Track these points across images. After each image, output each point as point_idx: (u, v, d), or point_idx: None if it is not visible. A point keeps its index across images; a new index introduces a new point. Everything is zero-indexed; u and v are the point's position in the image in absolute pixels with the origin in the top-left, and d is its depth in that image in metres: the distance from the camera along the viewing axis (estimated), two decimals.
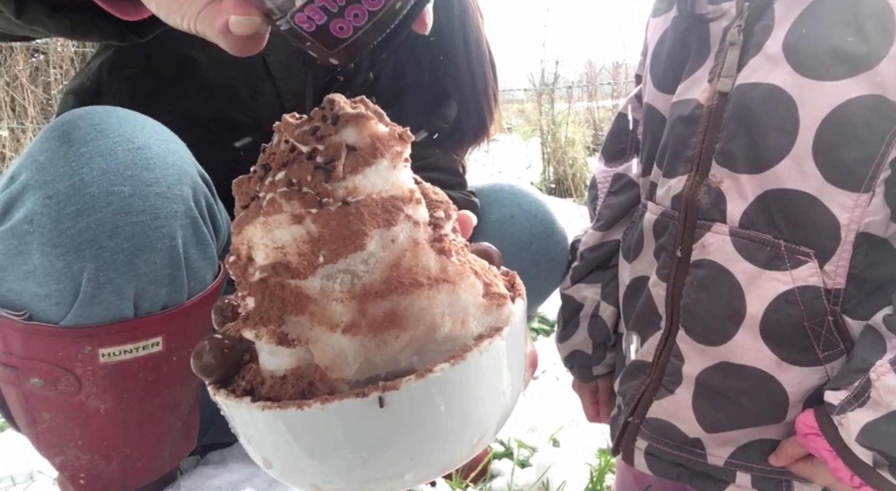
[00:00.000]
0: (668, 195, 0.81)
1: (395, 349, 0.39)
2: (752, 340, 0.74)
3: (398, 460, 0.40)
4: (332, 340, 0.39)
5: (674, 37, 0.83)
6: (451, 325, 0.40)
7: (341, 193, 0.39)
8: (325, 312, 0.39)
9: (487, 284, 0.44)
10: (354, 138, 0.40)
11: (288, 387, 0.40)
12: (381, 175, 0.41)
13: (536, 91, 5.85)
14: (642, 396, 0.84)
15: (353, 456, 0.40)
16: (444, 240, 0.42)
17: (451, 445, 0.42)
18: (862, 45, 0.67)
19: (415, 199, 0.42)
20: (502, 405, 0.44)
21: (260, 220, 0.40)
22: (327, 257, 0.38)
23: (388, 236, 0.39)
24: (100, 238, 0.71)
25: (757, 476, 0.78)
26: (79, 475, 0.84)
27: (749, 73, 0.73)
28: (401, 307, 0.39)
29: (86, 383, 0.78)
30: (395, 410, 0.38)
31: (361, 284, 0.39)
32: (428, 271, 0.40)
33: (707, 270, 0.76)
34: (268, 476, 1.09)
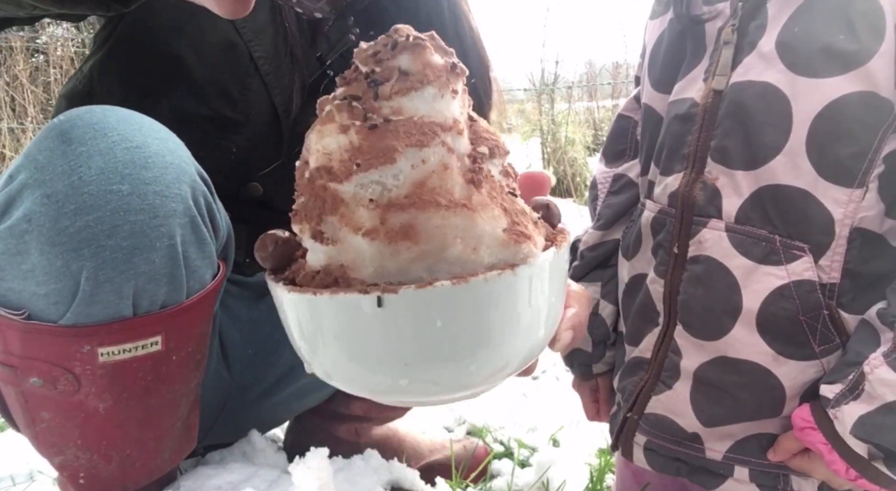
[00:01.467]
0: (665, 193, 0.82)
1: (406, 259, 0.43)
2: (748, 334, 0.75)
3: (392, 363, 0.44)
4: (355, 241, 0.43)
5: (670, 38, 0.84)
6: (462, 248, 0.43)
7: (386, 111, 0.43)
8: (353, 215, 0.43)
9: (514, 223, 0.46)
10: (408, 64, 0.44)
11: (318, 279, 0.45)
12: (427, 101, 0.44)
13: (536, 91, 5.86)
14: (641, 392, 0.85)
15: (353, 347, 0.44)
16: (478, 172, 0.45)
17: (448, 364, 0.44)
18: (853, 42, 0.68)
19: (456, 129, 0.44)
20: (510, 345, 0.45)
21: (317, 127, 0.44)
22: (361, 166, 0.42)
23: (419, 156, 0.43)
24: (98, 237, 0.71)
25: (755, 470, 0.78)
26: (78, 475, 0.84)
27: (743, 71, 0.74)
28: (417, 221, 0.42)
29: (85, 383, 0.78)
30: (392, 312, 0.42)
31: (389, 195, 0.42)
32: (450, 195, 0.43)
33: (703, 265, 0.77)
34: (268, 476, 1.09)
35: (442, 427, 1.43)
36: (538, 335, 0.48)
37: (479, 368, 0.45)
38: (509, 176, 0.49)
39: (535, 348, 0.48)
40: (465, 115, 0.47)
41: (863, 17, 0.68)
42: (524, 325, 0.46)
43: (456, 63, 0.45)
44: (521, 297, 0.45)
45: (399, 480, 1.14)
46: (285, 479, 1.03)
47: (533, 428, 1.37)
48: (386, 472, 1.13)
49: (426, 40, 0.45)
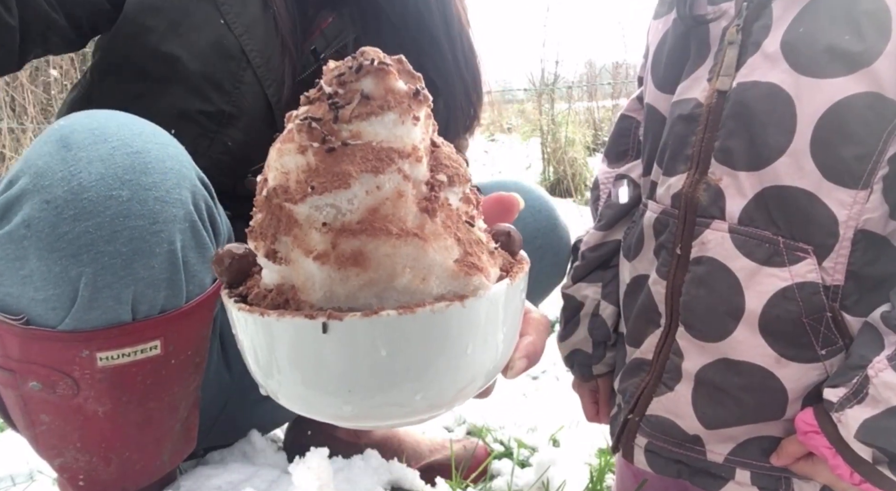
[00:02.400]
0: (667, 194, 0.81)
1: (355, 286, 0.43)
2: (751, 336, 0.74)
3: (336, 388, 0.44)
4: (306, 264, 0.43)
5: (674, 38, 0.84)
6: (411, 277, 0.43)
7: (344, 135, 0.43)
8: (306, 237, 0.43)
9: (467, 253, 0.45)
10: (371, 88, 0.44)
11: (269, 299, 0.45)
12: (387, 126, 0.43)
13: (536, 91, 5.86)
14: (642, 394, 0.84)
15: (298, 370, 0.44)
16: (433, 200, 0.44)
17: (393, 392, 0.44)
18: (858, 43, 0.67)
19: (415, 156, 0.44)
20: (459, 375, 0.45)
21: (277, 145, 0.45)
22: (316, 188, 0.42)
23: (373, 182, 0.42)
24: (98, 242, 0.71)
25: (756, 473, 0.78)
26: (78, 477, 0.84)
27: (748, 71, 0.73)
28: (367, 248, 0.42)
29: (84, 387, 0.77)
30: (337, 339, 0.41)
31: (342, 220, 0.42)
32: (403, 223, 0.43)
33: (706, 266, 0.76)
34: (268, 476, 1.09)
35: (442, 427, 1.43)
36: (489, 364, 0.47)
37: (424, 397, 0.45)
38: (470, 203, 0.49)
39: (487, 375, 0.48)
40: (426, 142, 0.46)
41: (868, 17, 0.67)
42: (474, 354, 0.45)
43: (420, 89, 0.45)
44: (470, 328, 0.44)
45: (399, 480, 1.13)
46: (285, 479, 1.02)
47: (533, 428, 1.37)
48: (386, 472, 1.13)
49: (391, 65, 0.44)
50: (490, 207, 0.54)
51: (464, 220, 0.47)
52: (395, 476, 1.13)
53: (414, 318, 0.42)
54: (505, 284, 0.46)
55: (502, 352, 0.49)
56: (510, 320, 0.49)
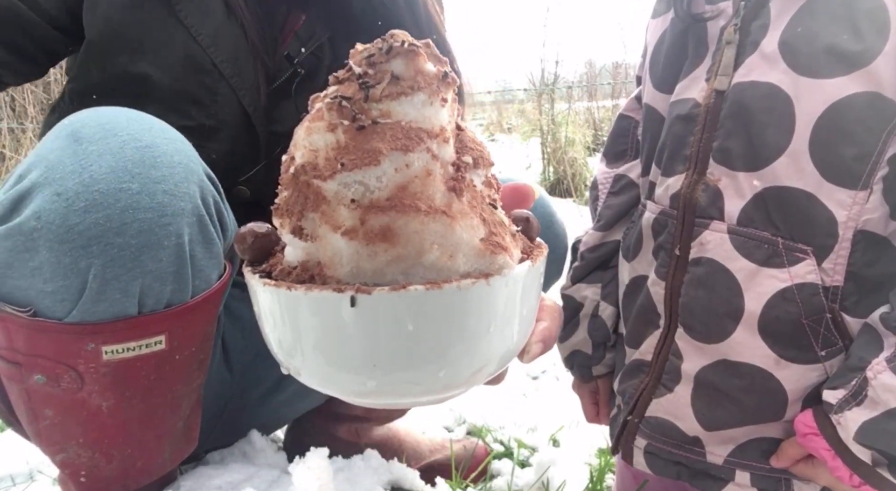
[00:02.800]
0: (666, 194, 0.81)
1: (382, 262, 0.43)
2: (750, 337, 0.74)
3: (361, 363, 0.44)
4: (333, 239, 0.44)
5: (672, 37, 0.83)
6: (439, 254, 0.44)
7: (374, 114, 0.44)
8: (334, 213, 0.43)
9: (492, 233, 0.46)
10: (401, 69, 0.45)
11: (294, 275, 0.46)
12: (416, 107, 0.45)
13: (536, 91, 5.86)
14: (641, 395, 0.84)
15: (323, 344, 0.44)
16: (460, 180, 0.46)
17: (416, 368, 0.44)
18: (857, 42, 0.67)
19: (443, 136, 0.45)
20: (479, 354, 0.46)
21: (306, 124, 0.45)
22: (346, 165, 0.43)
23: (403, 160, 0.43)
24: (107, 234, 0.71)
25: (756, 474, 0.78)
26: (79, 473, 0.84)
27: (746, 71, 0.73)
28: (395, 225, 0.43)
29: (88, 381, 0.78)
30: (364, 313, 0.42)
31: (370, 197, 0.43)
32: (431, 201, 0.44)
33: (705, 267, 0.76)
34: (268, 476, 1.09)
35: (442, 427, 1.43)
36: (507, 346, 0.48)
37: (447, 374, 0.45)
38: (491, 187, 0.49)
39: (504, 358, 0.49)
40: (452, 124, 0.47)
41: (867, 16, 0.67)
42: (494, 334, 0.46)
43: (448, 72, 0.46)
44: (493, 307, 0.45)
45: (399, 480, 1.14)
46: (285, 479, 1.03)
47: (533, 428, 1.37)
48: (386, 472, 1.13)
49: (420, 47, 0.45)
50: (506, 197, 0.55)
51: (487, 202, 0.48)
52: (395, 476, 1.14)
53: (441, 293, 0.42)
54: (527, 265, 0.47)
55: (520, 334, 0.49)
56: (529, 303, 0.49)
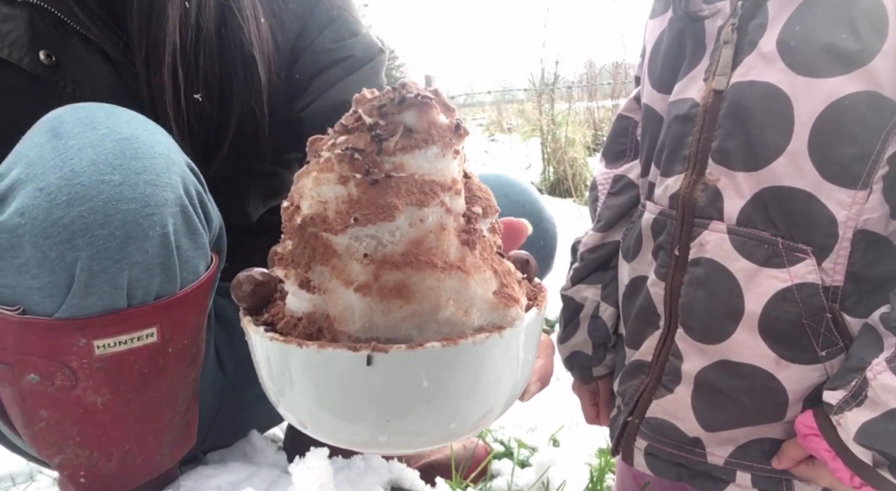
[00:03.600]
0: (665, 194, 0.81)
1: (397, 318, 0.43)
2: (750, 337, 0.74)
3: (375, 420, 0.44)
4: (345, 294, 0.43)
5: (670, 37, 0.83)
6: (454, 310, 0.44)
7: (387, 167, 0.43)
8: (346, 268, 0.43)
9: (503, 285, 0.46)
10: (413, 121, 0.44)
11: (301, 328, 0.45)
12: (429, 160, 0.45)
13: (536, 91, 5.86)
14: (641, 396, 0.84)
15: (335, 400, 0.44)
16: (472, 233, 0.46)
17: (428, 422, 0.45)
18: (855, 42, 0.67)
19: (455, 189, 0.45)
20: (488, 402, 0.47)
21: (314, 174, 0.44)
22: (359, 220, 0.43)
23: (417, 215, 0.43)
24: (91, 227, 0.71)
25: (757, 475, 0.78)
26: (79, 474, 0.84)
27: (744, 71, 0.73)
28: (411, 281, 0.43)
29: (82, 377, 0.78)
30: (380, 371, 0.42)
31: (383, 251, 0.43)
32: (446, 256, 0.44)
33: (705, 268, 0.76)
34: (268, 476, 1.09)
35: None
36: (514, 391, 0.49)
37: (457, 424, 0.46)
38: (495, 232, 0.50)
39: (509, 402, 0.50)
40: (461, 173, 0.47)
41: (865, 16, 0.67)
42: (504, 382, 0.47)
43: (460, 123, 0.46)
44: (504, 357, 0.46)
45: (399, 480, 1.13)
46: (285, 479, 1.03)
47: (533, 428, 1.37)
48: (386, 472, 1.13)
49: (432, 98, 0.45)
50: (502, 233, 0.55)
51: (495, 251, 0.48)
52: (395, 476, 1.13)
53: (458, 350, 0.43)
54: (534, 313, 0.48)
55: (524, 377, 0.50)
56: (533, 345, 0.50)
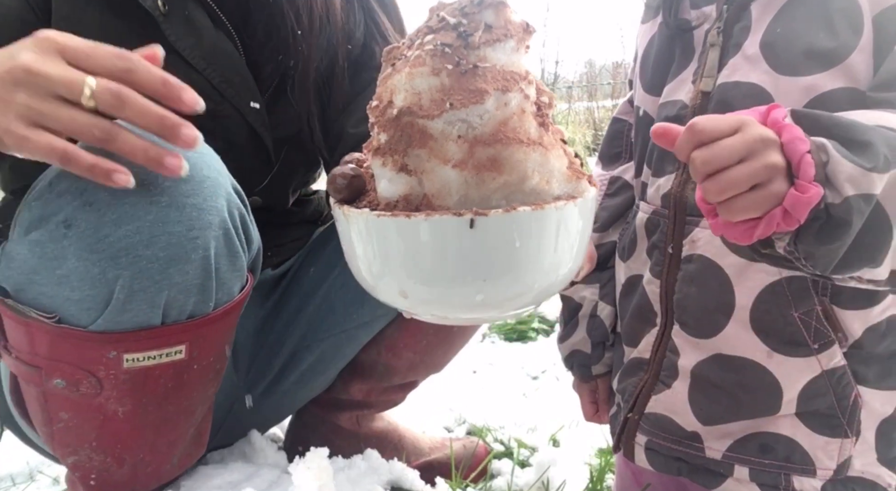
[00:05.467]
0: (657, 194, 0.83)
1: (490, 189, 0.50)
2: (742, 331, 0.75)
3: (473, 279, 0.50)
4: (443, 172, 0.49)
5: (660, 42, 0.85)
6: (538, 180, 0.51)
7: (473, 59, 0.49)
8: (442, 149, 0.49)
9: (572, 163, 0.54)
10: (492, 19, 0.51)
11: (399, 208, 0.51)
12: (507, 53, 0.51)
13: None
14: (641, 392, 0.85)
15: (437, 266, 0.50)
16: (545, 116, 0.52)
17: (518, 281, 0.52)
18: (832, 39, 0.69)
19: (528, 78, 0.52)
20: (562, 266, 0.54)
21: (406, 70, 0.50)
22: (454, 105, 0.48)
23: (502, 99, 0.50)
24: (137, 247, 0.72)
25: (755, 469, 0.78)
26: (90, 476, 0.85)
27: (729, 72, 0.75)
28: (502, 156, 0.49)
29: (107, 386, 0.78)
30: (481, 233, 0.48)
31: (474, 133, 0.49)
32: (528, 134, 0.50)
33: (697, 264, 0.78)
34: (268, 476, 1.09)
35: (442, 427, 1.43)
36: (581, 259, 0.57)
37: (540, 284, 0.53)
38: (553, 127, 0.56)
39: (573, 274, 0.57)
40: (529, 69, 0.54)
41: (841, 13, 0.69)
42: (577, 248, 0.55)
43: (528, 22, 0.52)
44: (577, 224, 0.53)
45: (399, 480, 1.14)
46: (285, 479, 1.03)
47: (533, 428, 1.37)
48: (386, 472, 1.14)
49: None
50: None
51: (561, 137, 0.54)
52: (395, 476, 1.14)
53: (544, 213, 0.50)
54: (594, 190, 0.55)
55: (584, 248, 0.57)
56: (591, 221, 0.57)
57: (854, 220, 0.56)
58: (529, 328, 2.02)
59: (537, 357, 1.80)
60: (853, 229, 0.56)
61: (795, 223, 0.55)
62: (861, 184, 0.55)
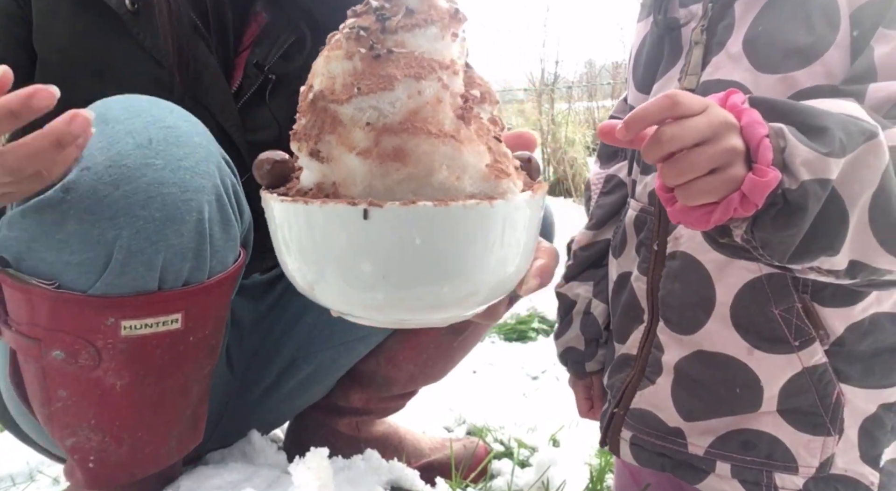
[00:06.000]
0: (645, 191, 0.84)
1: (394, 180, 0.47)
2: (723, 327, 0.76)
3: (372, 275, 0.47)
4: (348, 159, 0.47)
5: (651, 40, 0.86)
6: (447, 174, 0.47)
7: (390, 44, 0.47)
8: (349, 135, 0.47)
9: (497, 161, 0.49)
10: (415, 3, 0.48)
11: (310, 195, 0.49)
12: (429, 39, 0.48)
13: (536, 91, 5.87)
14: (627, 388, 0.86)
15: (337, 258, 0.47)
16: (468, 111, 0.48)
17: (421, 282, 0.47)
18: (810, 36, 0.69)
19: (452, 68, 0.48)
20: (479, 275, 0.48)
21: (325, 53, 0.49)
22: (361, 89, 0.46)
23: (415, 87, 0.46)
24: (134, 207, 0.74)
25: (737, 466, 0.79)
26: (88, 458, 0.86)
27: (713, 70, 0.76)
28: (408, 146, 0.46)
29: (105, 357, 0.80)
30: (377, 225, 0.45)
31: (384, 120, 0.46)
32: (441, 126, 0.47)
33: (680, 261, 0.78)
34: (268, 476, 1.10)
35: (442, 427, 1.43)
36: (507, 271, 0.50)
37: (450, 290, 0.48)
38: (496, 124, 0.52)
39: (503, 283, 0.51)
40: (462, 60, 0.50)
41: (820, 10, 0.69)
42: (495, 257, 0.48)
43: (458, 9, 0.49)
44: (494, 229, 0.48)
45: (399, 480, 1.14)
46: (285, 479, 1.03)
47: (533, 428, 1.37)
48: (386, 472, 1.14)
49: None
50: (509, 142, 0.55)
51: (494, 135, 0.50)
52: (395, 476, 1.14)
53: (448, 210, 0.45)
54: (528, 194, 0.50)
55: (518, 264, 0.51)
56: (529, 234, 0.52)
57: (810, 205, 0.55)
58: (529, 328, 2.02)
59: (537, 357, 1.80)
60: (809, 215, 0.55)
61: (753, 208, 0.55)
62: (817, 169, 0.55)
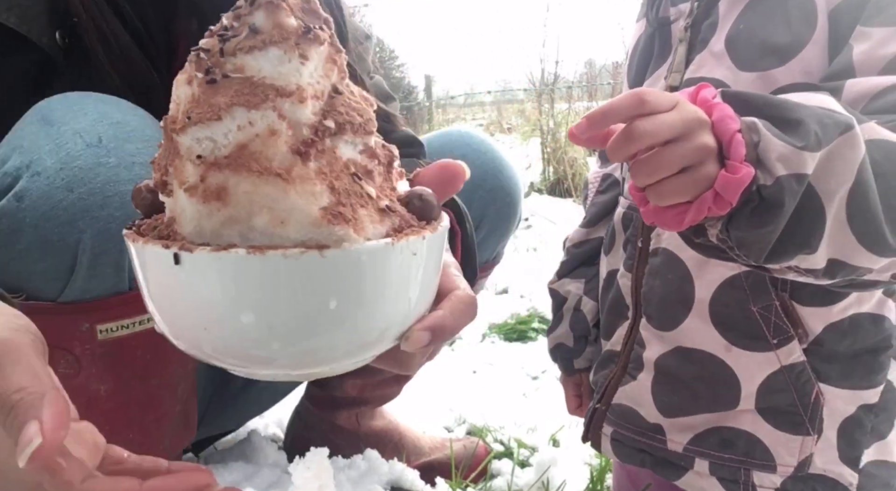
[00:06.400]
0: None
1: (217, 222, 0.41)
2: (701, 324, 0.76)
3: (193, 325, 0.43)
4: (180, 196, 0.42)
5: (644, 39, 0.87)
6: (268, 218, 0.41)
7: (228, 67, 0.42)
8: (183, 168, 0.42)
9: (339, 204, 0.42)
10: (261, 22, 0.42)
11: (157, 230, 0.45)
12: (271, 62, 0.42)
13: (536, 91, 5.87)
14: (609, 384, 0.86)
15: (163, 303, 0.44)
16: (311, 145, 0.42)
17: (246, 337, 0.42)
18: (787, 33, 0.70)
19: (298, 96, 0.42)
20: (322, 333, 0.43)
21: (176, 78, 0.44)
22: (192, 119, 0.41)
23: (246, 117, 0.41)
24: (92, 208, 0.72)
25: (715, 463, 0.78)
26: None
27: (696, 68, 0.77)
28: (229, 184, 0.41)
29: (85, 364, 0.79)
30: (189, 272, 0.41)
31: (216, 154, 0.41)
32: (268, 163, 0.41)
33: (661, 257, 0.79)
34: (268, 476, 1.10)
35: (442, 427, 1.43)
36: (364, 329, 0.44)
37: (283, 347, 0.42)
38: (374, 158, 0.45)
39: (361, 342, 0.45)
40: (321, 85, 0.44)
41: (798, 8, 0.70)
42: (340, 314, 0.42)
43: (311, 28, 0.43)
44: (331, 282, 0.41)
45: (399, 480, 1.14)
46: (285, 479, 1.03)
47: (533, 428, 1.38)
48: (386, 472, 1.14)
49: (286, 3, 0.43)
50: (433, 175, 0.50)
51: (351, 172, 0.43)
52: (395, 476, 1.14)
53: (263, 259, 0.40)
54: (382, 243, 0.42)
55: (386, 318, 0.44)
56: (397, 285, 0.44)
57: (786, 201, 0.53)
58: (529, 328, 2.02)
59: (537, 357, 1.80)
60: (786, 211, 0.54)
61: (727, 206, 0.53)
62: (792, 163, 0.53)
